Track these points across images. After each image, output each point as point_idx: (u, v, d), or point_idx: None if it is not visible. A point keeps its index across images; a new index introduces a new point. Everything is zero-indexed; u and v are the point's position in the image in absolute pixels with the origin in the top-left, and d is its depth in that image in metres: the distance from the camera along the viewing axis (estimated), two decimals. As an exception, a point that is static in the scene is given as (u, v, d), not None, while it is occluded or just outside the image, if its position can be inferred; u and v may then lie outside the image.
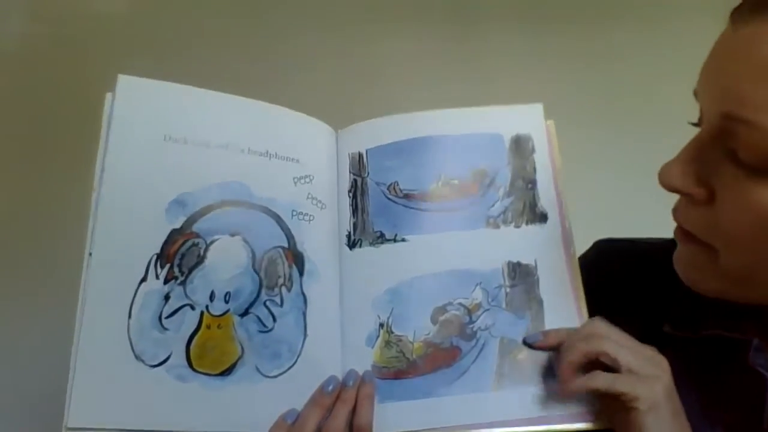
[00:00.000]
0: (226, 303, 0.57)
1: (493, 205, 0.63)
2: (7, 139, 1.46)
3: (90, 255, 0.55)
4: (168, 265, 0.56)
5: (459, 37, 1.64)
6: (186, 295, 0.56)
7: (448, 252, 0.62)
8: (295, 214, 0.61)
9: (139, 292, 0.55)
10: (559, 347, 0.56)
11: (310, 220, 0.62)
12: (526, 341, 0.58)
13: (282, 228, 0.60)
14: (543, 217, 0.63)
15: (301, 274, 0.60)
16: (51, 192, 1.43)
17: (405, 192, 0.63)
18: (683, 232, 0.53)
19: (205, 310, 0.56)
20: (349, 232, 0.63)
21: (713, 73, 0.49)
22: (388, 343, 0.59)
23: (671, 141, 0.54)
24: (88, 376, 0.52)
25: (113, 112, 0.58)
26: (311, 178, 0.63)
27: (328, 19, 1.61)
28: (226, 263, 0.57)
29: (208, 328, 0.56)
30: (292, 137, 0.63)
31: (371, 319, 0.60)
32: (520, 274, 0.61)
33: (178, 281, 0.56)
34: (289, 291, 0.59)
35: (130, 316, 0.54)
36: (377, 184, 0.64)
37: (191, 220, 0.58)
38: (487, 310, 0.60)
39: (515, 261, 0.62)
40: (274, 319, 0.57)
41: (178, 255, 0.57)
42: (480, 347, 0.59)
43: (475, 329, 0.59)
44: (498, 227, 0.63)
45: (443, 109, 0.66)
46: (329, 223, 0.63)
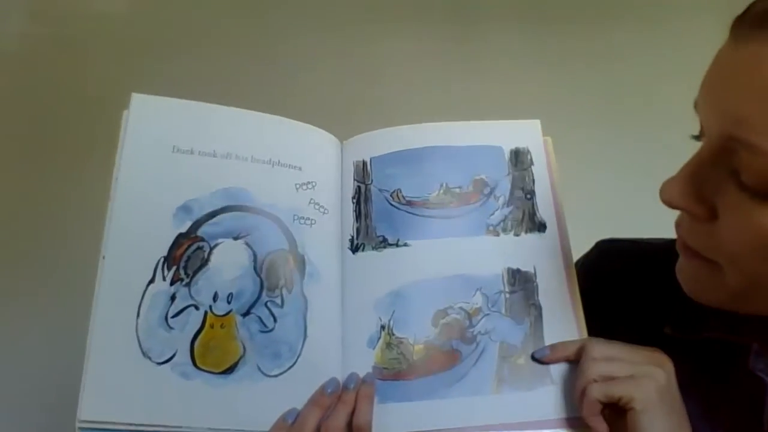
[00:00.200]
0: (229, 303, 0.58)
1: (492, 214, 0.65)
2: (7, 139, 1.47)
3: (103, 258, 0.58)
4: (174, 268, 0.59)
5: (459, 37, 1.65)
6: (191, 296, 0.58)
7: (449, 257, 0.63)
8: (296, 218, 0.63)
9: (147, 292, 0.57)
10: (565, 360, 0.58)
11: (312, 224, 0.63)
12: (534, 356, 0.59)
13: (283, 232, 0.62)
14: (542, 227, 0.65)
15: (302, 277, 0.61)
16: (51, 192, 1.43)
17: (408, 199, 0.65)
18: (686, 247, 0.53)
19: (208, 310, 0.58)
20: (353, 237, 0.64)
21: (714, 91, 0.48)
22: (389, 345, 0.60)
23: (671, 141, 0.54)
24: (99, 372, 0.54)
25: (127, 127, 0.62)
26: (314, 184, 0.65)
27: (329, 19, 1.62)
28: (229, 265, 0.60)
29: (212, 327, 0.58)
30: (296, 146, 0.66)
31: (373, 321, 0.61)
32: (520, 281, 0.62)
33: (184, 282, 0.58)
34: (289, 292, 0.60)
35: (138, 316, 0.56)
36: (380, 190, 0.66)
37: (196, 225, 0.60)
38: (487, 315, 0.61)
39: (515, 268, 0.63)
40: (275, 320, 0.59)
41: (184, 258, 0.59)
42: (480, 351, 0.60)
43: (475, 333, 0.60)
44: (498, 235, 0.64)
45: (445, 121, 0.68)
46: (331, 228, 0.64)
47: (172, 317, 0.57)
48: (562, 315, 0.61)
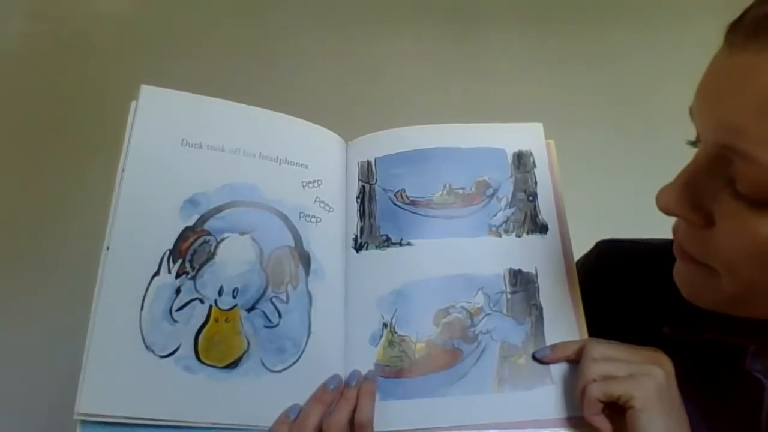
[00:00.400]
0: (234, 298, 0.59)
1: (495, 215, 0.66)
2: (7, 138, 1.46)
3: (107, 249, 0.57)
4: (180, 261, 0.59)
5: (459, 37, 1.65)
6: (196, 290, 0.58)
7: (451, 257, 0.63)
8: (302, 215, 0.63)
9: (151, 285, 0.57)
10: (566, 360, 0.59)
11: (317, 222, 0.64)
12: (535, 356, 0.60)
13: (289, 228, 0.63)
14: (543, 228, 0.66)
15: (307, 274, 0.62)
16: (50, 192, 1.43)
17: (411, 199, 0.66)
18: (683, 252, 0.53)
19: (213, 304, 0.58)
20: (356, 236, 0.65)
21: (709, 99, 0.47)
22: (391, 343, 0.60)
23: (671, 142, 0.54)
24: (100, 365, 0.54)
25: (135, 119, 0.62)
26: (319, 182, 0.65)
27: (329, 19, 1.62)
28: (234, 260, 0.60)
29: (216, 321, 0.58)
30: (303, 145, 0.66)
31: (375, 319, 0.61)
32: (521, 281, 0.63)
33: (189, 276, 0.58)
34: (294, 289, 0.61)
35: (142, 308, 0.56)
36: (385, 190, 0.66)
37: (203, 219, 0.60)
38: (489, 314, 0.62)
39: (516, 268, 0.64)
40: (280, 315, 0.59)
41: (190, 251, 0.59)
42: (481, 350, 0.60)
43: (476, 332, 0.61)
44: (500, 236, 0.65)
45: (445, 121, 0.69)
46: (336, 226, 0.65)
47: (177, 310, 0.57)
48: (562, 316, 0.62)
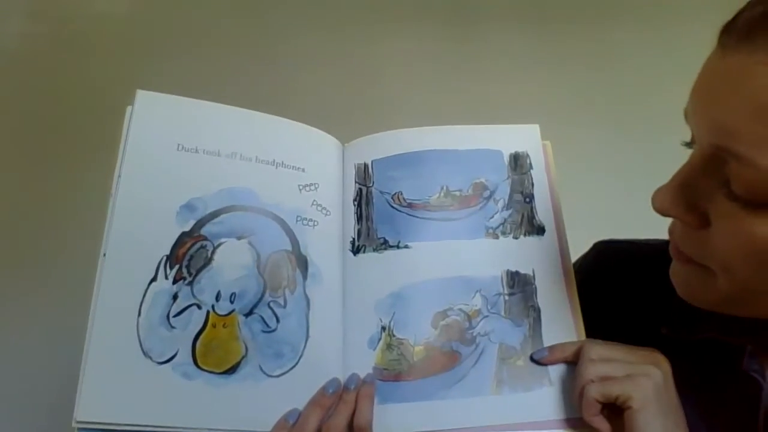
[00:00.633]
0: (232, 303, 0.59)
1: (492, 217, 0.66)
2: (7, 138, 1.46)
3: (104, 255, 0.57)
4: (177, 266, 0.58)
5: (459, 37, 1.65)
6: (193, 295, 0.58)
7: (449, 259, 0.63)
8: (299, 219, 0.63)
9: (148, 291, 0.57)
10: (564, 362, 0.59)
11: (314, 225, 0.64)
12: (533, 358, 0.60)
13: (286, 232, 0.62)
14: (540, 230, 0.66)
15: (305, 278, 0.61)
16: (50, 192, 1.43)
17: (408, 201, 0.66)
18: (679, 252, 0.53)
19: (211, 310, 0.58)
20: (354, 239, 0.65)
21: (703, 101, 0.48)
22: (389, 346, 0.60)
23: (670, 142, 0.54)
24: (98, 371, 0.54)
25: (131, 123, 0.62)
26: (316, 186, 0.65)
27: (329, 19, 1.62)
28: (232, 265, 0.60)
29: (214, 327, 0.58)
30: (299, 148, 0.66)
31: (373, 322, 0.61)
32: (519, 283, 0.63)
33: (186, 281, 0.58)
34: (292, 293, 0.60)
35: (139, 314, 0.56)
36: (382, 193, 0.66)
37: (200, 224, 0.60)
38: (487, 316, 0.62)
39: (514, 270, 0.63)
40: (278, 320, 0.59)
41: (187, 256, 0.59)
42: (479, 352, 0.60)
43: (474, 335, 0.61)
44: (497, 238, 0.65)
45: (445, 122, 0.69)
46: (333, 229, 0.65)
47: (174, 316, 0.57)
48: (560, 317, 0.62)
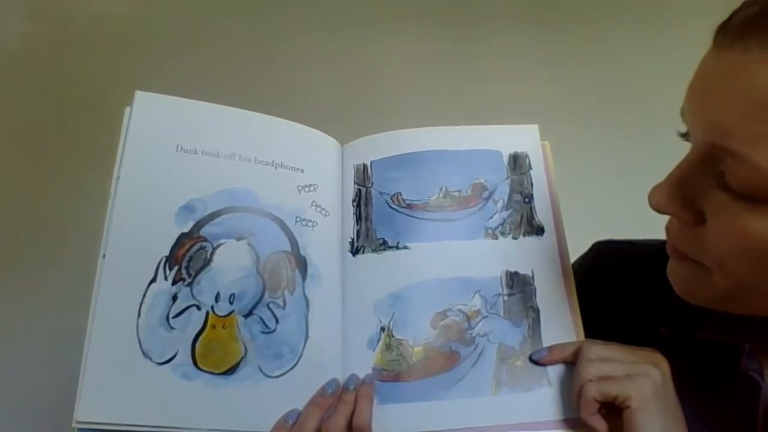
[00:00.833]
0: (231, 304, 0.59)
1: (491, 217, 0.66)
2: (6, 138, 1.46)
3: (104, 257, 0.57)
4: (176, 267, 0.59)
5: (459, 37, 1.65)
6: (193, 296, 0.58)
7: (448, 260, 0.63)
8: (298, 220, 0.63)
9: (148, 292, 0.57)
10: (563, 362, 0.59)
11: (314, 226, 0.64)
12: (532, 358, 0.60)
13: (286, 233, 0.62)
14: (540, 230, 0.66)
15: (304, 278, 0.62)
16: (50, 191, 1.43)
17: (408, 202, 0.66)
18: (676, 250, 0.53)
19: (210, 311, 0.58)
20: (353, 239, 0.65)
21: (698, 100, 0.49)
22: (388, 347, 0.60)
23: (670, 143, 0.54)
24: (98, 372, 0.54)
25: (130, 124, 0.62)
26: (315, 186, 0.65)
27: (329, 19, 1.62)
28: (231, 266, 0.60)
29: (213, 328, 0.58)
30: (298, 149, 0.66)
31: (373, 323, 0.61)
32: (518, 284, 0.63)
33: (186, 282, 0.58)
34: (291, 294, 0.61)
35: (139, 315, 0.56)
36: (381, 193, 0.66)
37: (199, 225, 0.60)
38: (486, 317, 0.62)
39: (513, 271, 0.64)
40: (277, 321, 0.59)
41: (186, 257, 0.59)
42: (478, 353, 0.60)
43: (473, 335, 0.61)
44: (496, 238, 0.65)
45: (445, 123, 0.69)
46: (333, 230, 0.65)
47: (174, 317, 0.57)
48: (559, 317, 0.62)
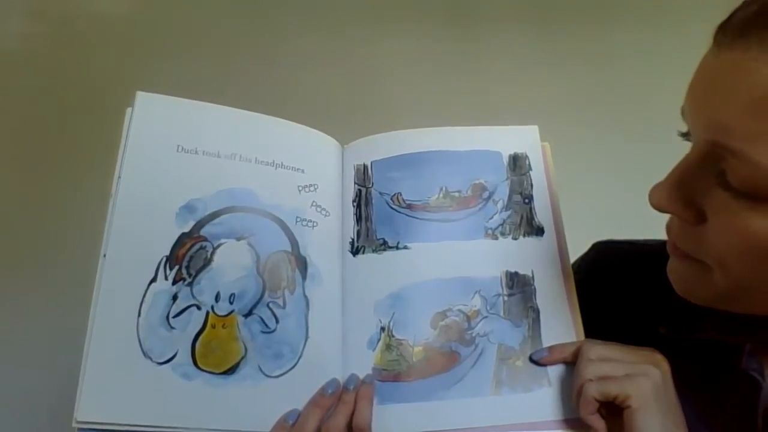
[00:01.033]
0: (231, 304, 0.59)
1: (491, 218, 0.66)
2: (6, 138, 1.46)
3: (104, 256, 0.57)
4: (176, 267, 0.59)
5: (459, 37, 1.64)
6: (193, 296, 0.58)
7: (448, 260, 0.63)
8: (299, 220, 0.63)
9: (148, 292, 0.57)
10: (563, 362, 0.59)
11: (314, 226, 0.64)
12: (532, 358, 0.60)
13: (286, 233, 0.63)
14: (540, 231, 0.66)
15: (304, 278, 0.62)
16: (50, 192, 1.43)
17: (408, 202, 0.66)
18: (676, 249, 0.54)
19: (210, 311, 0.58)
20: (353, 239, 0.65)
21: (698, 98, 0.49)
22: (388, 347, 0.60)
23: (670, 143, 0.55)
24: (98, 372, 0.54)
25: (131, 125, 0.62)
26: (316, 187, 0.65)
27: (329, 19, 1.62)
28: (231, 266, 0.60)
29: (213, 327, 0.58)
30: (299, 149, 0.66)
31: (373, 323, 0.61)
32: (518, 284, 0.63)
33: (186, 282, 0.58)
34: (291, 293, 0.61)
35: (139, 315, 0.56)
36: (381, 194, 0.66)
37: (199, 225, 0.60)
38: (486, 317, 0.62)
39: (513, 271, 0.64)
40: (277, 321, 0.59)
41: (187, 257, 0.59)
42: (478, 353, 0.60)
43: (473, 335, 0.61)
44: (496, 238, 0.65)
45: (445, 123, 0.69)
46: (333, 230, 0.65)
47: (174, 317, 0.57)
48: (559, 317, 0.62)
